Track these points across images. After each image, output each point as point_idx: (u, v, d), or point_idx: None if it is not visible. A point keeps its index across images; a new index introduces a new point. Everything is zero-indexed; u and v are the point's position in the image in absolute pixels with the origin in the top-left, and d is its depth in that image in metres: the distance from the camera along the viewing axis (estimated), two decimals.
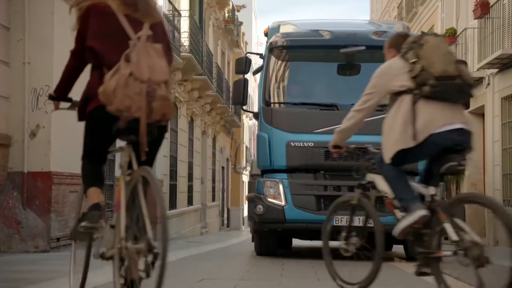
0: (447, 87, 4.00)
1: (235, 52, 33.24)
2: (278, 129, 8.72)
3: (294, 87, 9.31)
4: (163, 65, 3.21)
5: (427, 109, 4.01)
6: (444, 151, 4.04)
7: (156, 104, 3.13)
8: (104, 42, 3.32)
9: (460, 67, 4.06)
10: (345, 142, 5.01)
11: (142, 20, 3.34)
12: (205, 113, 22.36)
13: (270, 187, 8.56)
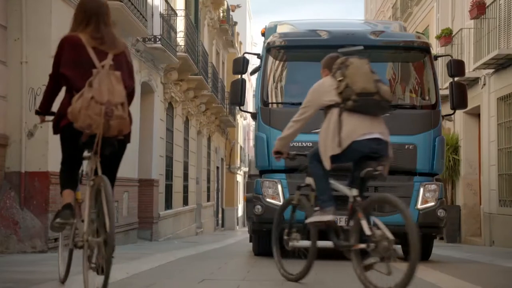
0: (366, 102, 4.73)
1: (229, 52, 33.22)
2: (276, 129, 8.59)
3: (292, 87, 9.24)
4: (121, 90, 3.93)
5: (350, 120, 4.76)
6: (363, 158, 4.78)
7: (113, 122, 3.87)
8: (74, 70, 4.01)
9: (378, 85, 4.77)
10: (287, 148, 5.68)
11: (107, 51, 4.07)
12: (200, 113, 22.33)
13: (269, 187, 8.54)
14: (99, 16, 4.16)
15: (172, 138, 17.53)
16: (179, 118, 18.53)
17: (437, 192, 8.49)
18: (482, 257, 10.10)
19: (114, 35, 4.19)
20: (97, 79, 3.88)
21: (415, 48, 9.04)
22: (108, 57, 4.04)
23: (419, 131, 8.58)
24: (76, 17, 4.22)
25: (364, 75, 4.78)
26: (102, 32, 4.10)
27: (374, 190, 8.37)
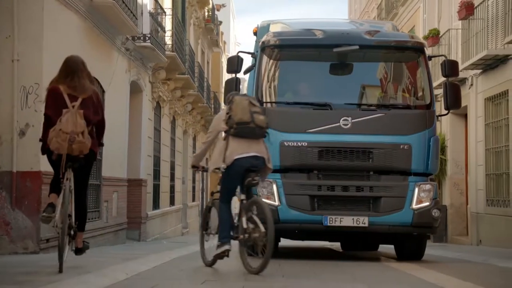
0: (243, 129, 6.20)
1: (214, 52, 33.13)
2: (271, 129, 8.46)
3: (287, 86, 9.13)
4: (82, 123, 5.69)
5: (233, 143, 6.21)
6: (247, 171, 6.25)
7: (75, 146, 5.65)
8: (54, 111, 5.78)
9: (254, 115, 6.24)
10: (201, 163, 7.03)
11: (78, 96, 5.83)
12: (186, 113, 22.23)
13: (263, 187, 8.39)
14: (76, 72, 5.96)
15: (160, 137, 17.42)
16: (166, 118, 18.43)
17: (431, 192, 8.49)
18: (475, 256, 10.15)
19: (85, 84, 5.95)
20: (66, 116, 5.68)
21: (409, 48, 9.03)
22: (78, 100, 5.81)
23: (414, 131, 8.55)
24: (61, 70, 6.04)
25: (242, 109, 6.23)
26: (75, 83, 5.89)
27: (369, 189, 8.39)
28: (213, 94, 28.50)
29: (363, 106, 8.79)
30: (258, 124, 6.23)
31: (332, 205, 8.44)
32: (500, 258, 9.60)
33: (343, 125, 8.47)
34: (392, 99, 9.06)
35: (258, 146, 6.30)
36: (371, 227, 8.32)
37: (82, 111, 5.74)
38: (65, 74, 5.94)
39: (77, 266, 6.30)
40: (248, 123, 6.18)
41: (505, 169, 14.08)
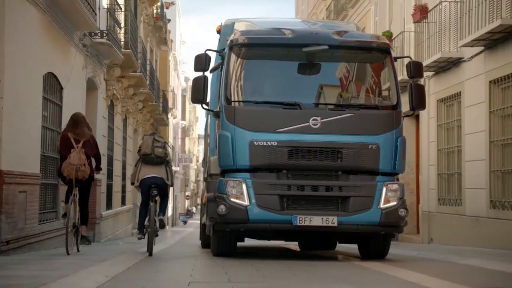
0: (146, 159, 9.17)
1: (162, 50, 32.80)
2: (241, 128, 8.47)
3: (255, 85, 9.07)
4: (84, 158, 8.42)
5: (143, 168, 9.20)
6: (149, 186, 9.04)
7: (80, 173, 8.41)
8: (65, 151, 8.55)
9: (154, 149, 9.12)
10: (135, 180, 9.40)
11: (80, 139, 8.57)
12: (137, 111, 21.91)
13: (233, 187, 8.36)
14: (78, 124, 8.82)
15: (113, 136, 17.11)
16: (119, 116, 18.12)
17: (398, 191, 8.60)
18: (435, 254, 10.35)
19: (84, 131, 8.78)
20: (73, 153, 8.49)
21: (377, 49, 9.10)
22: (80, 143, 8.63)
23: (382, 131, 8.62)
24: (68, 123, 8.98)
25: (146, 145, 9.21)
26: (78, 131, 8.73)
27: (338, 189, 8.48)
28: (162, 92, 28.20)
29: (332, 106, 8.83)
30: (157, 155, 9.19)
31: (302, 205, 8.44)
32: (459, 255, 9.84)
33: (312, 124, 8.46)
34: (360, 99, 9.11)
35: (157, 170, 9.20)
36: (340, 227, 8.37)
37: (83, 150, 8.61)
38: (72, 126, 8.87)
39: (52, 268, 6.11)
40: (149, 154, 9.19)
41: (457, 169, 14.47)
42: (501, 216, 12.42)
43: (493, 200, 12.77)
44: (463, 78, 14.06)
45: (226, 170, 8.70)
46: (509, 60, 12.21)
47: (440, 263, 8.76)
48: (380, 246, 9.25)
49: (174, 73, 42.80)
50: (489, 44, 12.73)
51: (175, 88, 41.92)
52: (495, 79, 12.76)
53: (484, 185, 13.02)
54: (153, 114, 25.94)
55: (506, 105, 12.57)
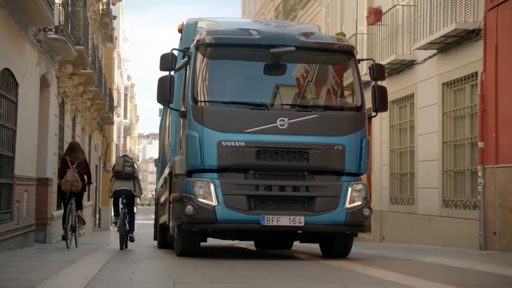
0: (119, 175, 11.76)
1: (107, 47, 32.24)
2: (208, 128, 8.45)
3: (223, 85, 9.09)
4: (77, 176, 11.08)
5: (115, 182, 11.78)
6: (120, 196, 11.75)
7: (73, 187, 11.08)
8: (63, 170, 11.21)
9: (125, 167, 11.70)
10: None
11: (75, 161, 11.17)
12: (86, 109, 21.46)
13: (201, 187, 8.33)
14: (75, 149, 11.39)
15: (63, 135, 16.70)
16: (69, 114, 17.71)
17: (363, 191, 8.76)
18: (395, 253, 10.54)
19: (79, 156, 11.28)
20: (69, 172, 10.99)
21: (342, 51, 9.26)
22: (75, 164, 11.07)
23: (348, 132, 8.75)
24: (68, 148, 11.71)
25: (118, 164, 11.92)
26: (74, 155, 11.21)
27: (305, 189, 8.56)
28: (108, 90, 27.72)
29: (299, 107, 8.89)
30: (126, 172, 11.83)
31: (269, 205, 8.50)
32: (418, 253, 10.07)
33: (279, 125, 8.52)
34: (326, 100, 9.21)
35: (127, 184, 11.85)
36: (307, 226, 8.46)
37: (77, 169, 11.16)
38: (70, 150, 11.54)
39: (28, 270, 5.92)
40: (121, 171, 11.84)
41: (409, 169, 14.81)
42: (453, 215, 12.80)
43: (446, 199, 13.14)
44: (416, 80, 14.40)
45: (193, 170, 8.63)
46: (462, 63, 12.59)
47: (407, 261, 8.91)
48: (343, 245, 9.41)
49: (118, 71, 42.15)
50: (442, 48, 13.09)
51: (119, 86, 41.29)
52: (448, 82, 13.13)
53: (436, 184, 13.38)
54: (100, 112, 25.49)
55: (458, 107, 12.96)
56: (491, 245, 11.44)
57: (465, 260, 8.49)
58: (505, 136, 11.13)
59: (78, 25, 15.59)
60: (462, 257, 9.01)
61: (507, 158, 11.03)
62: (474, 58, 12.14)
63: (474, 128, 12.48)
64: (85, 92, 19.66)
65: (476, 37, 12.03)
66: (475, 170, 12.26)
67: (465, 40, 12.35)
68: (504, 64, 11.25)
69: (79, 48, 15.33)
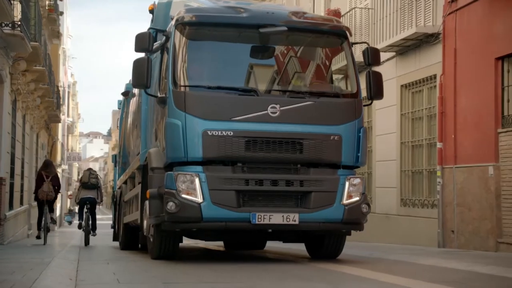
0: (85, 185, 14.37)
1: (53, 43, 31.47)
2: (192, 116, 7.58)
3: (207, 69, 8.16)
4: (51, 188, 13.16)
5: (82, 191, 14.44)
6: (85, 203, 14.22)
7: (48, 196, 13.14)
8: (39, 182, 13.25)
9: (90, 179, 14.39)
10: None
11: (49, 175, 13.28)
12: (35, 107, 20.92)
13: (184, 182, 7.44)
14: (49, 166, 13.69)
15: (15, 133, 16.24)
16: (20, 112, 17.23)
17: (360, 186, 7.97)
18: (363, 251, 10.56)
19: (52, 170, 13.59)
20: (44, 185, 13.08)
21: (336, 33, 8.39)
22: (49, 178, 13.20)
23: (344, 121, 7.97)
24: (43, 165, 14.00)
25: (85, 176, 14.44)
26: (49, 170, 13.44)
27: (299, 184, 7.79)
28: (56, 88, 27.08)
29: (291, 93, 8.03)
30: (91, 183, 14.33)
31: (259, 201, 7.72)
32: (382, 252, 10.25)
33: (271, 113, 7.74)
34: (320, 86, 8.40)
35: (91, 192, 14.28)
36: (302, 225, 7.67)
37: (51, 182, 13.13)
38: (44, 166, 13.61)
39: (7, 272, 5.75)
40: (87, 182, 14.34)
41: (367, 168, 15.07)
42: (411, 214, 13.12)
43: (403, 198, 13.47)
44: None
45: (174, 163, 7.73)
46: (420, 66, 12.93)
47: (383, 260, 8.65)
48: (335, 245, 8.67)
49: (62, 68, 41.23)
50: (401, 50, 13.40)
51: (64, 84, 40.38)
52: (406, 84, 13.45)
53: (395, 184, 13.68)
54: (48, 110, 24.88)
55: (416, 109, 13.29)
56: (449, 242, 11.79)
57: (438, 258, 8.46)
58: (463, 137, 11.49)
59: (35, 21, 15.18)
60: (430, 255, 9.08)
61: (465, 159, 11.39)
62: (433, 61, 12.48)
63: (431, 129, 12.83)
64: (36, 90, 19.16)
65: (435, 41, 12.37)
66: (432, 170, 12.61)
67: (424, 44, 12.67)
68: (462, 67, 11.62)
69: (34, 44, 14.93)
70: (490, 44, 10.81)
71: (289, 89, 8.17)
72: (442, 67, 12.13)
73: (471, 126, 11.28)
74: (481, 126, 10.92)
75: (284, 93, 8.06)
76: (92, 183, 14.29)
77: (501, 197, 10.45)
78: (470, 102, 11.38)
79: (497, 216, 10.50)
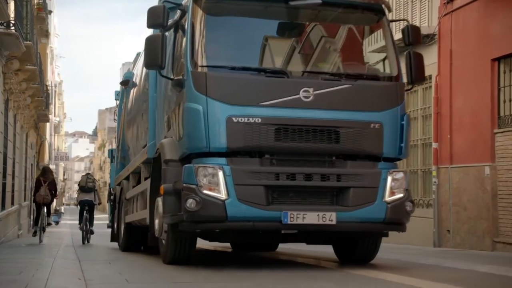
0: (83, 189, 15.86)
1: (41, 43, 31.25)
2: (215, 100, 6.70)
3: (231, 47, 7.30)
4: (48, 192, 14.51)
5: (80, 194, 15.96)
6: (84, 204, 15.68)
7: (45, 200, 14.50)
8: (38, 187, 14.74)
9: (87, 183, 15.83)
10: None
11: (47, 181, 14.67)
12: (25, 107, 20.77)
13: (205, 176, 6.55)
14: (46, 172, 15.06)
15: (7, 132, 16.11)
16: (11, 112, 17.09)
17: (404, 181, 7.11)
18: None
19: (49, 176, 14.87)
20: (41, 189, 14.47)
21: (373, 8, 7.59)
22: (46, 183, 14.56)
23: (386, 107, 7.14)
24: (41, 171, 15.42)
25: (82, 180, 15.93)
26: (46, 176, 14.80)
27: (336, 178, 6.94)
28: (46, 87, 26.91)
29: (326, 75, 7.16)
30: (89, 187, 15.65)
31: (291, 198, 6.84)
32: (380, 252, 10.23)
33: (303, 97, 6.88)
34: (357, 68, 7.56)
35: (89, 195, 15.64)
36: (340, 225, 6.79)
37: (48, 187, 14.35)
38: (42, 173, 14.94)
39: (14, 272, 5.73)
40: (84, 186, 15.67)
41: None
42: None
43: None
44: None
45: (193, 155, 6.85)
46: None
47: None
48: (369, 248, 7.77)
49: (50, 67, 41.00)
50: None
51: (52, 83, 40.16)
52: None
53: None
54: (37, 109, 24.71)
55: (411, 109, 13.36)
56: (445, 242, 11.89)
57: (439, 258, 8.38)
58: (459, 137, 11.59)
59: (26, 20, 15.07)
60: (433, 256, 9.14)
61: (461, 159, 11.49)
62: (428, 62, 12.46)
63: (426, 129, 12.92)
64: (27, 89, 19.03)
65: (430, 42, 12.46)
66: (427, 170, 12.70)
67: (419, 44, 12.72)
68: (458, 68, 11.72)
69: (27, 44, 14.79)
70: (486, 45, 10.91)
71: (324, 71, 7.29)
72: (437, 67, 12.22)
73: (467, 126, 11.38)
74: (477, 126, 11.02)
75: (317, 75, 7.16)
76: (89, 186, 15.79)
77: (497, 197, 10.55)
78: (466, 102, 11.48)
79: (493, 216, 10.60)
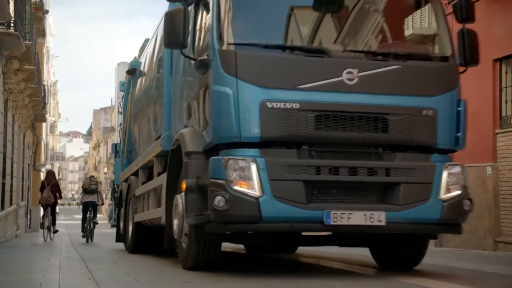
0: (86, 190, 17.07)
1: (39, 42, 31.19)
2: (246, 82, 5.90)
3: (263, 22, 6.50)
4: (51, 193, 16.49)
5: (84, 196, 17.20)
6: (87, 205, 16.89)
7: (47, 201, 16.52)
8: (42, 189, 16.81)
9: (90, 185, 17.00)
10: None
11: (50, 184, 16.65)
12: (23, 106, 20.75)
13: (236, 169, 5.73)
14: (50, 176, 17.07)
15: (7, 133, 16.10)
16: (10, 112, 17.08)
17: (461, 176, 6.31)
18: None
19: (52, 180, 16.80)
20: (45, 191, 16.49)
21: None
22: (49, 186, 16.54)
23: (440, 91, 6.36)
24: (46, 175, 17.64)
25: (86, 183, 17.27)
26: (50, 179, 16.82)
27: (385, 173, 6.14)
28: (43, 87, 26.86)
29: (372, 55, 6.40)
30: (92, 189, 16.77)
31: (333, 196, 6.03)
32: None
33: (347, 79, 6.07)
34: (406, 46, 6.88)
35: (92, 197, 16.70)
36: (390, 226, 5.97)
37: (50, 189, 16.34)
38: (47, 177, 17.02)
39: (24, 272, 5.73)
40: (88, 188, 16.84)
41: None
42: None
43: None
44: None
45: (220, 145, 6.06)
46: None
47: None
48: (415, 251, 6.99)
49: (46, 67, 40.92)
50: None
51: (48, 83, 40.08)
52: None
53: None
54: (34, 109, 24.69)
55: None
56: (446, 242, 11.93)
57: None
58: None
59: (25, 20, 15.06)
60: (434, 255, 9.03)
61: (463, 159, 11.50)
62: None
63: None
64: (26, 89, 19.03)
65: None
66: None
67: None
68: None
69: (27, 44, 14.82)
70: (488, 46, 10.94)
71: (369, 50, 6.50)
72: None
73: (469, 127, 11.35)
74: (479, 126, 11.06)
75: (362, 54, 6.42)
76: (92, 188, 16.96)
77: (499, 197, 10.60)
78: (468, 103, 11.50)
79: (495, 215, 10.65)
